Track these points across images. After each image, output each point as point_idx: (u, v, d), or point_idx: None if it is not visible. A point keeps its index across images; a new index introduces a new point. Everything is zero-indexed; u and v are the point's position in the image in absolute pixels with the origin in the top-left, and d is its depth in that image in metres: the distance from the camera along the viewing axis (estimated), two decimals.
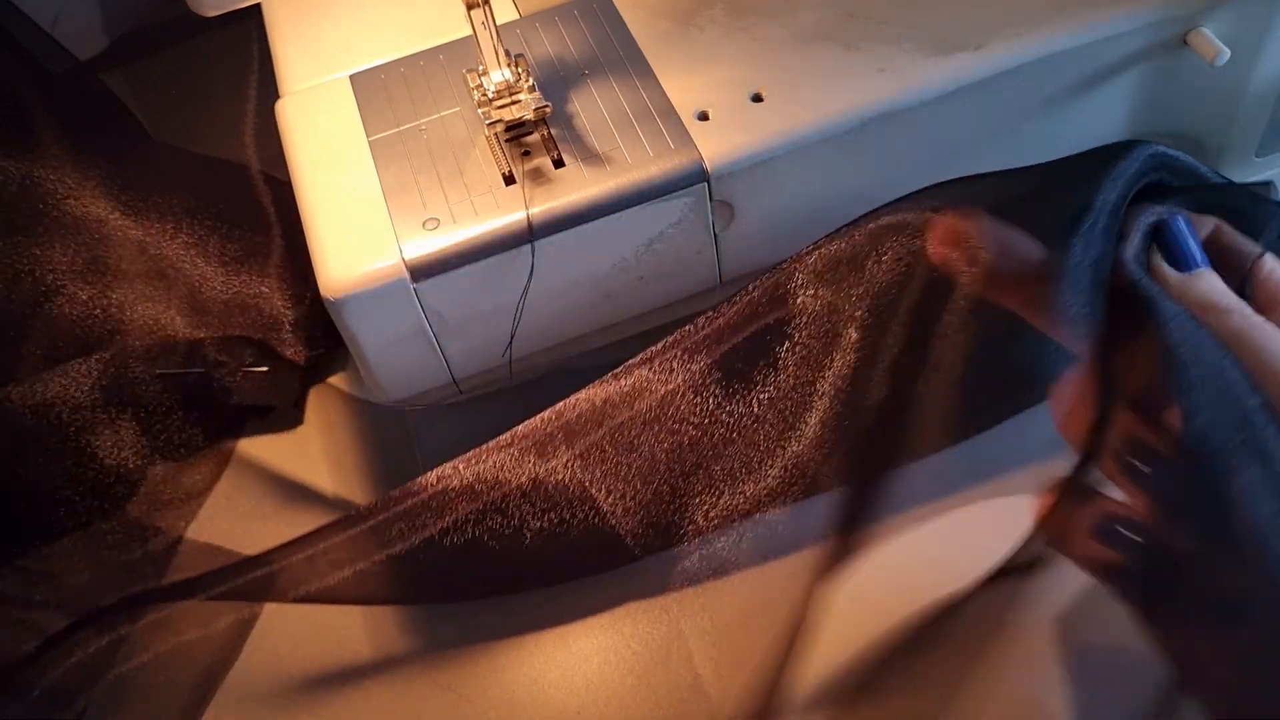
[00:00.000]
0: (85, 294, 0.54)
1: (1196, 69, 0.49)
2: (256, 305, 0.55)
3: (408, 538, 0.43)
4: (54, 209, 0.56)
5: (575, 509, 0.44)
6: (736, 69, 0.47)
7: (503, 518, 0.44)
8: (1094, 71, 0.48)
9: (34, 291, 0.54)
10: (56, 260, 0.55)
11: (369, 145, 0.47)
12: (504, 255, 0.44)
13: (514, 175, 0.45)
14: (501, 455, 0.43)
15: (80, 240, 0.56)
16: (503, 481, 0.43)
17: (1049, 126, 0.50)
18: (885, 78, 0.46)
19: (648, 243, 0.46)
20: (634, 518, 0.45)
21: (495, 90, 0.45)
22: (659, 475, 0.44)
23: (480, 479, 0.43)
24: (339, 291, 0.43)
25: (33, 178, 0.56)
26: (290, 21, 0.53)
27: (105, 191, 0.57)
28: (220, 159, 0.61)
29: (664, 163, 0.45)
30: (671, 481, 0.45)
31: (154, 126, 0.62)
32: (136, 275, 0.55)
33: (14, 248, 0.55)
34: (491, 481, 0.43)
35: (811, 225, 0.49)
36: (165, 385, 0.53)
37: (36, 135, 0.58)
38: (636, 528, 0.46)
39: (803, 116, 0.46)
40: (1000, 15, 0.47)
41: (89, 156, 0.58)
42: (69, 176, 0.57)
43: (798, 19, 0.49)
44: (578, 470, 0.43)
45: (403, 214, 0.44)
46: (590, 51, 0.49)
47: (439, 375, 0.48)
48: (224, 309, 0.55)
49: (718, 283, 0.49)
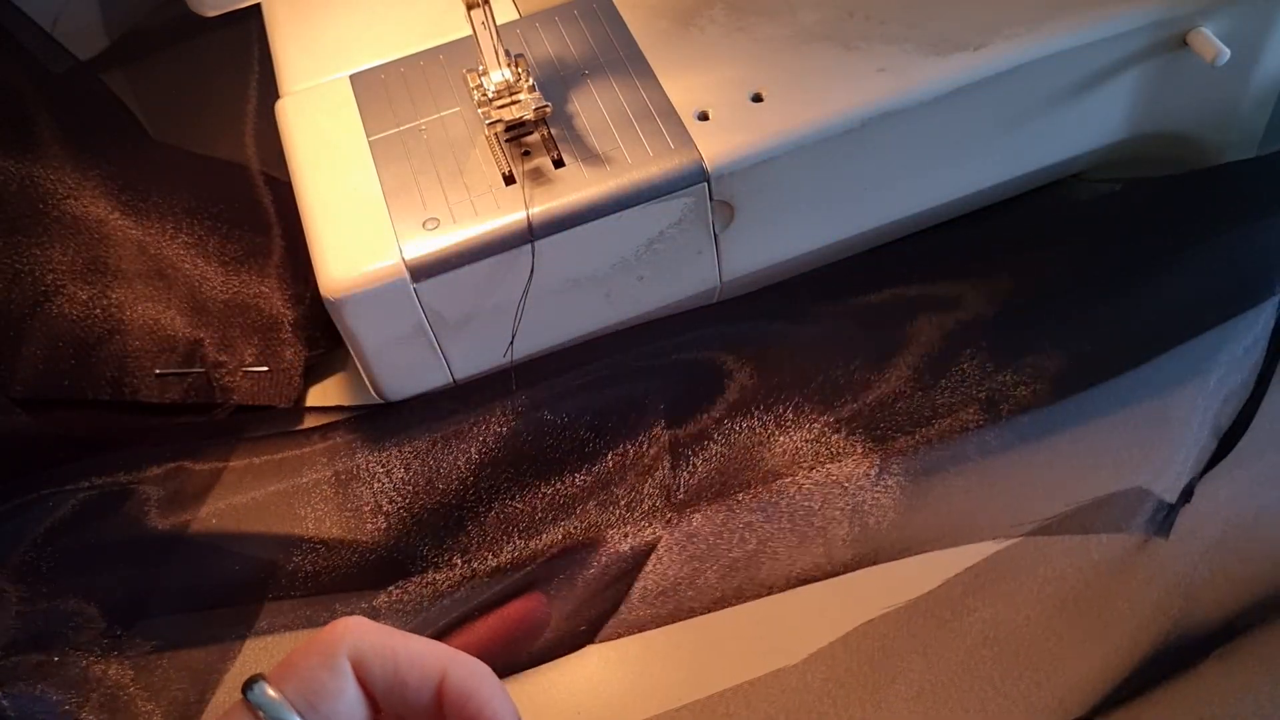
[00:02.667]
0: (85, 294, 0.54)
1: (1197, 69, 0.49)
2: (256, 305, 0.55)
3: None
4: (54, 209, 0.56)
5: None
6: (736, 69, 0.47)
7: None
8: (1094, 71, 0.48)
9: (34, 291, 0.54)
10: (56, 260, 0.55)
11: (369, 145, 0.47)
12: (504, 255, 0.44)
13: (514, 175, 0.45)
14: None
15: (80, 240, 0.55)
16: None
17: (1049, 126, 0.50)
18: (885, 78, 0.46)
19: (648, 243, 0.46)
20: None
21: (495, 90, 0.45)
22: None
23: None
24: (339, 291, 0.43)
25: (33, 178, 0.56)
26: (290, 21, 0.53)
27: (105, 191, 0.57)
28: (220, 159, 0.61)
29: (664, 163, 0.45)
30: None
31: (154, 126, 0.62)
32: (136, 275, 0.55)
33: (14, 248, 0.54)
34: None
35: (811, 226, 0.50)
36: (165, 385, 0.53)
37: (37, 135, 0.58)
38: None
39: (803, 116, 0.45)
40: (1000, 15, 0.47)
41: (89, 156, 0.58)
42: (69, 176, 0.57)
43: (797, 19, 0.49)
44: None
45: (403, 214, 0.44)
46: (590, 51, 0.49)
47: (439, 375, 0.48)
48: (224, 309, 0.55)
49: (718, 283, 0.49)
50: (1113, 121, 0.51)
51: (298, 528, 0.48)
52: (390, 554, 0.47)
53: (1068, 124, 0.50)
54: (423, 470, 0.48)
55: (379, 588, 0.47)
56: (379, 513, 0.47)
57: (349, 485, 0.49)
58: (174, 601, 0.47)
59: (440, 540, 0.47)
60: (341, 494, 0.48)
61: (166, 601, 0.47)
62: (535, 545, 0.46)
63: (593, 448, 0.48)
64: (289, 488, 0.49)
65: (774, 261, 0.50)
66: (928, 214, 0.52)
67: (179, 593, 0.47)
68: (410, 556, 0.47)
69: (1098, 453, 0.47)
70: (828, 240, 0.50)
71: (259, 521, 0.48)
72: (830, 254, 0.52)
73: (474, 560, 0.46)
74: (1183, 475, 0.45)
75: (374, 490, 0.48)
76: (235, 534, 0.48)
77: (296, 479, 0.49)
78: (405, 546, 0.47)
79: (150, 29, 0.68)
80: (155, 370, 0.53)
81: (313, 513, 0.48)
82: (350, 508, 0.48)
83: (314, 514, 0.48)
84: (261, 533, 0.48)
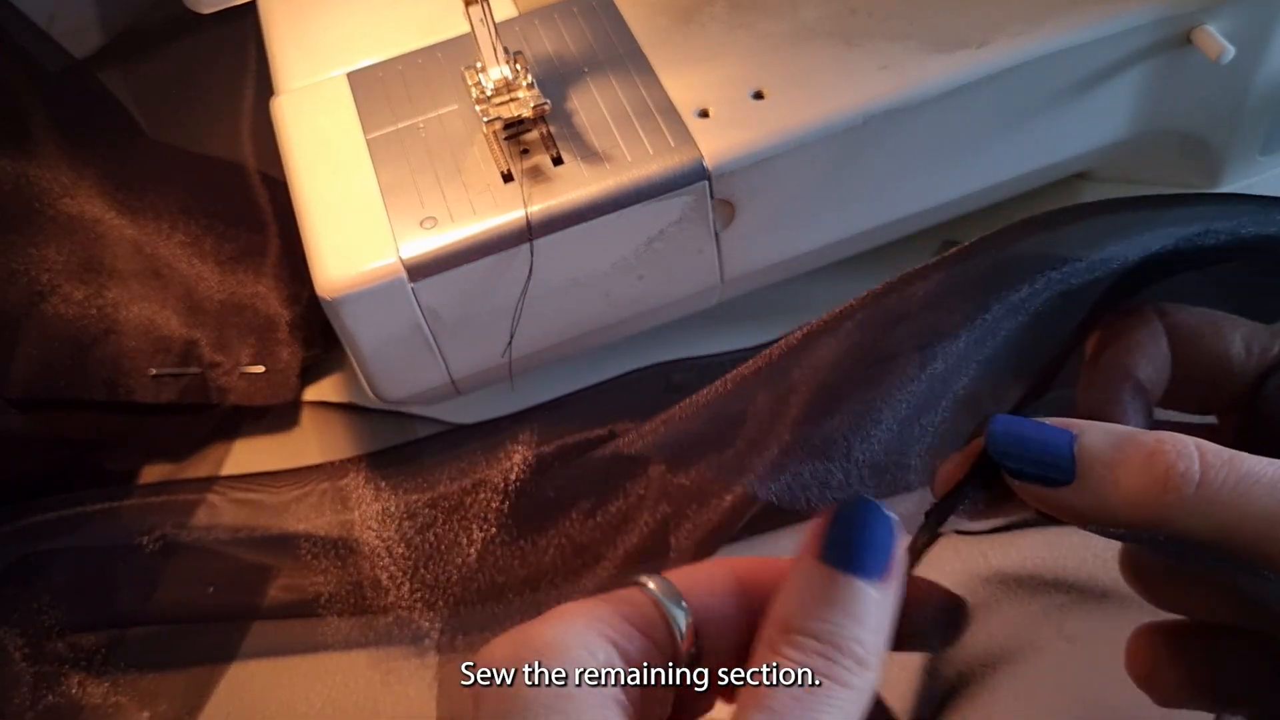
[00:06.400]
0: (80, 293, 0.54)
1: (1200, 66, 0.48)
2: (253, 305, 0.55)
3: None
4: (49, 208, 0.56)
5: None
6: (737, 66, 0.47)
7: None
8: (1097, 69, 0.48)
9: (29, 291, 0.54)
10: (51, 259, 0.55)
11: (366, 143, 0.47)
12: (502, 254, 0.44)
13: (512, 173, 0.45)
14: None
15: (75, 239, 0.55)
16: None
17: (1052, 124, 0.49)
18: (887, 75, 0.46)
19: (648, 242, 0.46)
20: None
21: (494, 88, 0.45)
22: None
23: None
24: (336, 291, 0.43)
25: (28, 176, 0.56)
26: (287, 19, 0.53)
27: (101, 190, 0.57)
28: (216, 157, 0.61)
29: (664, 160, 0.44)
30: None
31: (150, 125, 0.62)
32: (132, 275, 0.55)
33: (9, 247, 0.54)
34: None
35: (812, 224, 0.49)
36: (161, 385, 0.53)
37: (32, 133, 0.57)
38: None
39: (804, 114, 0.45)
40: (1003, 12, 0.47)
41: (84, 155, 0.58)
42: (64, 175, 0.57)
43: (799, 15, 0.49)
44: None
45: (400, 213, 0.44)
46: (589, 48, 0.49)
47: (437, 375, 0.48)
48: (220, 309, 0.55)
49: (718, 282, 0.49)
50: (1116, 119, 0.51)
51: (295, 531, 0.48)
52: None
53: (1071, 122, 0.50)
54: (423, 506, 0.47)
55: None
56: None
57: (347, 498, 0.48)
58: (162, 614, 0.47)
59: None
60: (340, 504, 0.48)
61: (154, 615, 0.47)
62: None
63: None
64: (287, 500, 0.49)
65: (775, 260, 0.50)
66: (930, 212, 0.51)
67: (169, 605, 0.47)
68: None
69: None
70: (829, 239, 0.50)
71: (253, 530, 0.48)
72: (831, 253, 0.51)
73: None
74: None
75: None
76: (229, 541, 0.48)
77: (293, 492, 0.49)
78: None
79: (146, 27, 0.67)
80: (151, 371, 0.53)
81: (308, 525, 0.48)
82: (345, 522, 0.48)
83: (309, 525, 0.48)
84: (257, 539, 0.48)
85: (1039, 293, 0.30)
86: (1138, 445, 0.25)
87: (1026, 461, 0.26)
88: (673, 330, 0.52)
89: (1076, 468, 0.26)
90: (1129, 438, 0.26)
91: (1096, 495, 0.25)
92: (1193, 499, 0.24)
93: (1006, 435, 0.27)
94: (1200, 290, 0.33)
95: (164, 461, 0.53)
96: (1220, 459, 0.25)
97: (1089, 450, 0.26)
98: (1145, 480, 0.25)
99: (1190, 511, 0.24)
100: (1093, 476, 0.26)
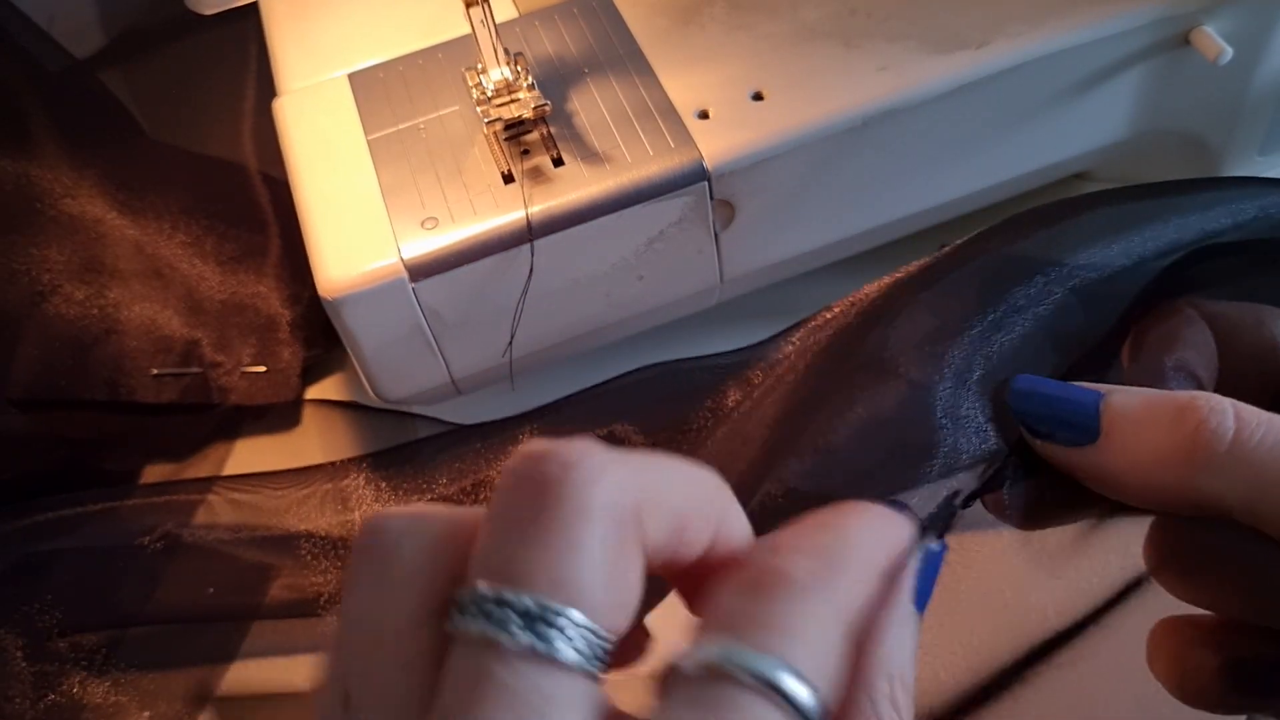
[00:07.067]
0: (81, 294, 0.54)
1: (1199, 67, 0.48)
2: (254, 305, 0.55)
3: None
4: (50, 208, 0.56)
5: None
6: (737, 67, 0.47)
7: None
8: (1096, 70, 0.48)
9: (30, 291, 0.54)
10: (53, 260, 0.55)
11: (367, 144, 0.47)
12: (503, 255, 0.44)
13: (513, 174, 0.45)
14: None
15: (76, 240, 0.55)
16: None
17: (1051, 125, 0.49)
18: (887, 76, 0.46)
19: (648, 242, 0.46)
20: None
21: (494, 89, 0.45)
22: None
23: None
24: (337, 291, 0.43)
25: (29, 177, 0.56)
26: (288, 19, 0.53)
27: (102, 190, 0.57)
28: (218, 158, 0.61)
29: (664, 161, 0.44)
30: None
31: (151, 125, 0.62)
32: (133, 275, 0.55)
33: (10, 247, 0.54)
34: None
35: (812, 225, 0.49)
36: (162, 385, 0.53)
37: (33, 134, 0.57)
38: None
39: (804, 115, 0.45)
40: (1002, 13, 0.47)
41: (86, 155, 0.58)
42: (65, 175, 0.57)
43: (798, 16, 0.49)
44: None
45: (401, 213, 0.44)
46: (590, 49, 0.49)
47: (437, 375, 0.48)
48: (221, 309, 0.55)
49: (718, 282, 0.49)
50: (1115, 120, 0.51)
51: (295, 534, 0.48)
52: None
53: (1070, 122, 0.50)
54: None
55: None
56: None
57: (348, 498, 0.48)
58: (163, 614, 0.47)
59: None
60: (341, 504, 0.48)
61: (155, 614, 0.47)
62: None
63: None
64: (288, 500, 0.49)
65: (775, 260, 0.50)
66: (930, 212, 0.51)
67: (169, 605, 0.47)
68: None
69: None
70: (829, 239, 0.50)
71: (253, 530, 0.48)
72: (831, 253, 0.51)
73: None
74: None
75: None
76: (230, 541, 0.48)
77: (295, 492, 0.49)
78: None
79: (147, 27, 0.67)
80: (152, 371, 0.53)
81: (309, 524, 0.48)
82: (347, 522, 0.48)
83: (310, 525, 0.48)
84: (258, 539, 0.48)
85: (1087, 285, 0.29)
86: (1169, 401, 0.24)
87: (1049, 420, 0.25)
88: (673, 330, 0.52)
89: (1102, 425, 0.25)
90: (1160, 395, 0.24)
91: (1122, 454, 0.24)
92: (1224, 457, 0.23)
93: (1030, 393, 0.26)
94: (1220, 283, 0.32)
95: (165, 461, 0.53)
96: (1258, 418, 0.23)
97: (1116, 408, 0.25)
98: (1175, 437, 0.23)
99: (1220, 470, 0.23)
100: (1118, 433, 0.24)
